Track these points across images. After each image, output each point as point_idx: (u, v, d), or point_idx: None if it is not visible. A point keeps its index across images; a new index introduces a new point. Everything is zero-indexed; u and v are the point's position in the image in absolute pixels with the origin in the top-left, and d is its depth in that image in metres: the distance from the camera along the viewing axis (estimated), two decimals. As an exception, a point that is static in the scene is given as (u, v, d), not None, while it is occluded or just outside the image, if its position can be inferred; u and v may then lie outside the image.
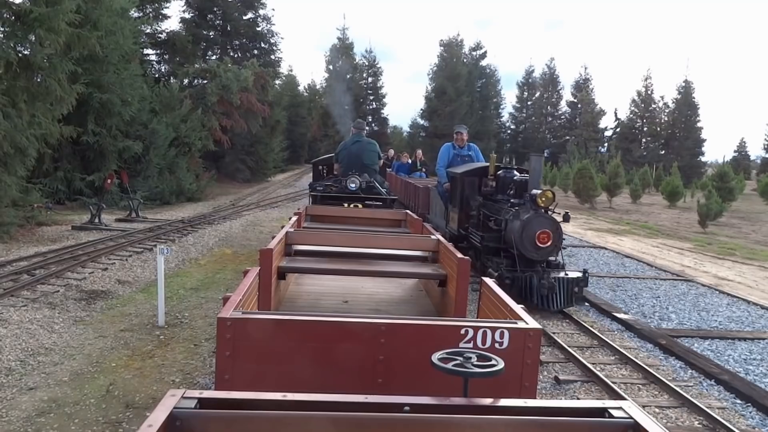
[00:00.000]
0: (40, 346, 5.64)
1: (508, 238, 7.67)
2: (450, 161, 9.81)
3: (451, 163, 9.76)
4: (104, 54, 15.46)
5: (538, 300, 7.31)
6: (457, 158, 9.76)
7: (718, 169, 28.70)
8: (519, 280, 7.35)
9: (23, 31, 11.05)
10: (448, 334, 2.31)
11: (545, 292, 7.26)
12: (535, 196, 7.35)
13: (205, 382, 4.90)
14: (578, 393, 5.11)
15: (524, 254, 7.43)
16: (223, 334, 2.23)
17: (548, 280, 7.24)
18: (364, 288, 4.79)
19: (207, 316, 6.77)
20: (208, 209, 18.37)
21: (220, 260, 10.41)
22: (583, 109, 56.36)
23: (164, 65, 30.21)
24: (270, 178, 35.56)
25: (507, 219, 7.68)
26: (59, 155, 16.05)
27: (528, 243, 7.37)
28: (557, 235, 7.43)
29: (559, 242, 7.51)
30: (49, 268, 8.61)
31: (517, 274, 7.38)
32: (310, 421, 1.55)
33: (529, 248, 7.39)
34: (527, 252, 7.41)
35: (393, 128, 62.37)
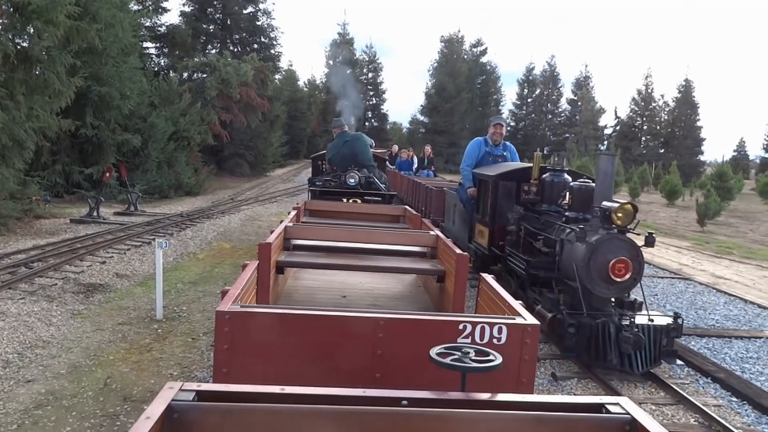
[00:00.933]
0: (37, 339, 5.64)
1: (565, 265, 5.62)
2: (479, 160, 8.05)
3: (480, 162, 8.02)
4: (103, 47, 15.38)
5: (616, 358, 5.23)
6: (487, 157, 8.01)
7: (717, 169, 28.74)
8: (587, 328, 5.20)
9: (22, 23, 11.00)
10: (446, 330, 2.31)
11: (629, 348, 5.07)
12: (610, 211, 5.25)
13: (203, 376, 4.90)
14: (575, 389, 5.12)
15: (591, 290, 5.34)
16: (222, 328, 2.23)
17: (633, 331, 5.07)
18: (362, 283, 4.79)
19: (205, 310, 6.77)
20: (207, 203, 18.35)
21: (218, 254, 10.41)
22: (583, 107, 56.34)
23: (164, 59, 30.12)
24: (269, 173, 35.51)
25: (564, 240, 5.68)
26: (58, 148, 16.02)
27: (597, 275, 5.28)
28: (637, 264, 5.31)
29: (639, 275, 5.38)
30: (47, 261, 8.60)
31: (584, 320, 5.23)
32: (308, 415, 1.55)
33: (598, 282, 5.29)
34: (595, 287, 5.31)
35: (393, 124, 62.37)
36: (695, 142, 52.53)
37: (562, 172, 6.87)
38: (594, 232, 5.39)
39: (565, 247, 5.67)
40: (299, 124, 52.07)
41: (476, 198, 7.88)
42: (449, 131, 50.30)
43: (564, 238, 5.70)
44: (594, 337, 5.22)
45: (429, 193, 11.30)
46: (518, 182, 7.15)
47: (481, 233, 7.74)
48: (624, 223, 5.31)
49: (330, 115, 47.67)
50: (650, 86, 55.04)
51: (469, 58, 55.51)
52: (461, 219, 8.63)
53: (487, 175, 7.48)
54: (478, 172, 7.83)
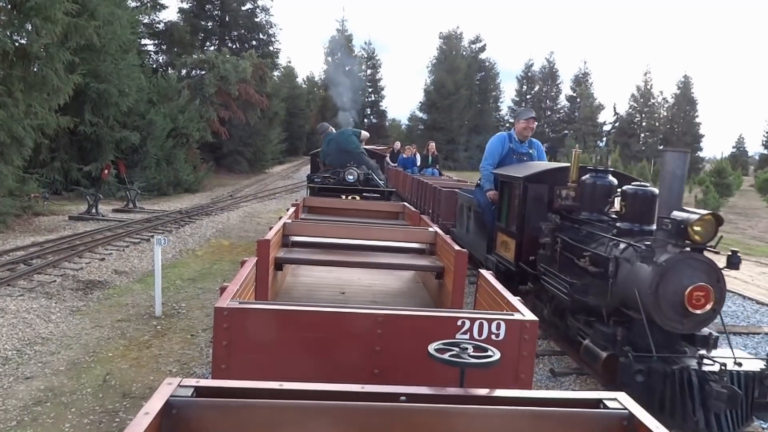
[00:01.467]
0: (36, 336, 5.64)
1: (622, 291, 4.47)
2: (502, 159, 7.12)
3: (503, 161, 7.10)
4: (102, 44, 15.35)
5: (702, 418, 3.90)
6: (511, 156, 7.08)
7: (716, 165, 28.74)
8: (661, 377, 3.96)
9: (20, 20, 10.97)
10: (444, 326, 2.32)
11: (722, 406, 3.78)
12: (687, 223, 4.13)
13: (202, 372, 4.91)
14: (573, 385, 5.14)
15: (658, 323, 4.16)
16: (220, 324, 2.23)
17: (724, 382, 3.84)
18: (361, 279, 4.80)
19: (204, 307, 6.78)
20: (206, 200, 18.34)
21: (217, 251, 10.41)
22: (582, 104, 56.32)
23: (162, 55, 30.10)
24: (268, 170, 35.48)
25: (619, 258, 4.53)
26: (56, 145, 15.99)
27: (668, 305, 4.12)
28: (719, 292, 4.17)
29: (719, 305, 4.23)
30: (46, 258, 8.60)
31: (656, 365, 3.98)
32: (307, 411, 1.55)
33: (669, 314, 4.14)
34: (665, 320, 4.15)
35: (392, 121, 62.32)
36: (694, 139, 52.55)
37: (606, 174, 5.73)
38: (662, 249, 4.19)
39: (621, 267, 4.50)
40: (298, 121, 52.06)
41: (498, 203, 6.84)
42: (448, 128, 50.29)
43: (619, 256, 4.54)
44: (670, 389, 3.93)
45: (437, 194, 10.24)
46: (552, 185, 6.00)
47: (504, 245, 6.59)
48: (703, 239, 4.16)
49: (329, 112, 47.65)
50: (649, 82, 55.02)
51: (468, 55, 55.44)
52: (478, 226, 7.63)
53: (514, 176, 6.36)
54: (502, 173, 6.74)
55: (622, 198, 4.97)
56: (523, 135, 7.13)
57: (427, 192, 11.15)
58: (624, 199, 4.92)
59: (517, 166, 6.82)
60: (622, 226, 4.85)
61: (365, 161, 9.16)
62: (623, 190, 4.97)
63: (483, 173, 7.26)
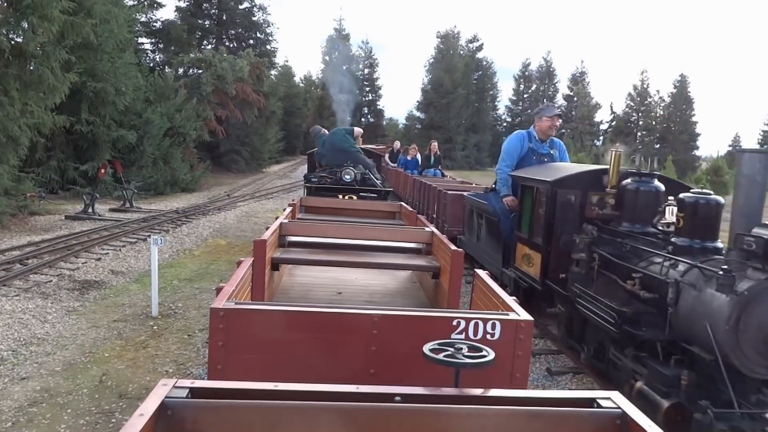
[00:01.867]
0: (32, 336, 5.63)
1: (687, 323, 3.68)
2: (520, 160, 6.43)
3: (522, 163, 6.40)
4: (98, 42, 15.30)
5: None
6: (530, 156, 6.39)
7: (713, 164, 28.85)
8: None
9: (16, 19, 10.93)
10: (440, 326, 2.32)
11: None
12: None
13: (198, 373, 4.91)
14: (570, 384, 5.15)
15: (737, 366, 3.37)
16: (216, 325, 2.23)
17: None
18: (357, 279, 4.80)
19: (201, 307, 6.77)
20: (203, 200, 18.32)
21: (214, 251, 10.40)
22: (579, 103, 56.41)
23: (159, 54, 30.06)
24: (265, 169, 35.45)
25: (681, 283, 3.74)
26: (52, 144, 15.95)
27: (751, 345, 3.36)
28: None
29: None
30: (41, 257, 8.58)
31: (743, 423, 3.26)
32: (302, 411, 1.55)
33: (752, 356, 3.37)
34: (746, 363, 3.36)
35: (389, 120, 62.30)
36: (691, 137, 52.71)
37: (652, 178, 4.90)
38: (742, 274, 3.40)
39: (684, 293, 3.67)
40: (295, 120, 52.03)
41: (518, 210, 6.04)
42: (445, 127, 50.32)
43: (681, 280, 3.71)
44: None
45: (442, 197, 9.42)
46: (585, 191, 5.19)
47: (527, 258, 5.73)
48: None
49: (326, 111, 47.63)
50: (646, 82, 55.14)
51: (466, 54, 55.48)
52: (492, 235, 6.84)
53: (540, 179, 5.51)
54: (524, 176, 5.92)
55: (679, 208, 4.15)
56: (545, 134, 6.45)
57: (431, 195, 10.36)
58: (682, 209, 4.10)
59: (541, 168, 6.00)
60: (679, 242, 4.02)
61: (361, 159, 9.19)
62: (681, 199, 4.13)
63: (499, 176, 6.50)
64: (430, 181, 11.37)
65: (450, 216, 8.95)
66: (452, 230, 8.58)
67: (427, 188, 10.82)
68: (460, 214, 8.62)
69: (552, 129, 6.47)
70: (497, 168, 6.72)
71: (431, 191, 10.40)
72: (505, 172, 6.45)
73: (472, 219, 7.94)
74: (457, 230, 8.59)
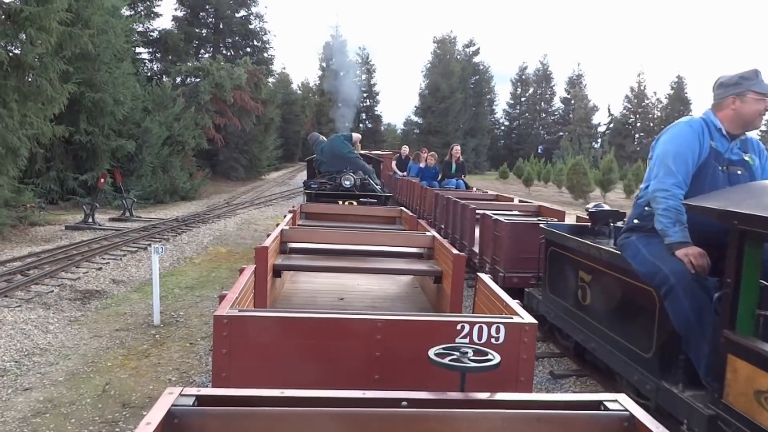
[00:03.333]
0: (35, 347, 5.62)
1: None
2: (697, 172, 3.38)
3: (700, 175, 3.37)
4: (96, 53, 15.36)
5: None
6: (712, 164, 3.39)
7: (711, 164, 28.83)
8: None
9: (14, 30, 10.97)
10: (444, 330, 2.32)
11: None
12: None
13: (201, 381, 4.89)
14: (574, 387, 5.14)
15: None
16: (220, 332, 2.24)
17: None
18: (359, 285, 4.80)
19: (203, 315, 6.76)
20: (203, 208, 18.32)
21: (215, 259, 10.39)
22: (576, 105, 56.56)
23: (157, 64, 30.12)
24: (264, 176, 35.47)
25: None
26: (52, 155, 15.97)
27: None
28: None
29: None
30: (42, 268, 8.57)
31: None
32: (308, 417, 1.55)
33: None
34: None
35: (387, 125, 62.44)
36: (689, 139, 52.73)
37: None
38: None
39: None
40: (294, 127, 52.14)
41: (730, 279, 2.74)
42: (443, 131, 50.41)
43: None
44: None
45: (492, 226, 6.57)
46: None
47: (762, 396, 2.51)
48: None
49: (324, 118, 47.71)
50: (643, 83, 55.37)
51: (462, 59, 55.67)
52: (629, 316, 3.75)
53: None
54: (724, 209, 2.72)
55: None
56: (745, 125, 3.44)
57: (466, 219, 7.64)
58: None
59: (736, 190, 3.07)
60: None
61: (360, 165, 9.21)
62: None
63: (661, 203, 3.34)
64: (465, 199, 8.56)
65: (507, 253, 6.19)
66: (513, 276, 6.08)
67: (458, 209, 8.07)
68: (526, 251, 5.84)
69: (760, 118, 3.43)
70: (656, 187, 3.41)
71: (466, 214, 7.61)
72: (676, 195, 3.32)
73: (561, 268, 4.83)
74: (520, 276, 6.01)
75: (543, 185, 36.90)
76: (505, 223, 6.35)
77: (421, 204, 10.96)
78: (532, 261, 5.64)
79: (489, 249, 6.75)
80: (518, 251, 6.11)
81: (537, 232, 5.59)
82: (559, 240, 4.91)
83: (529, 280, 5.84)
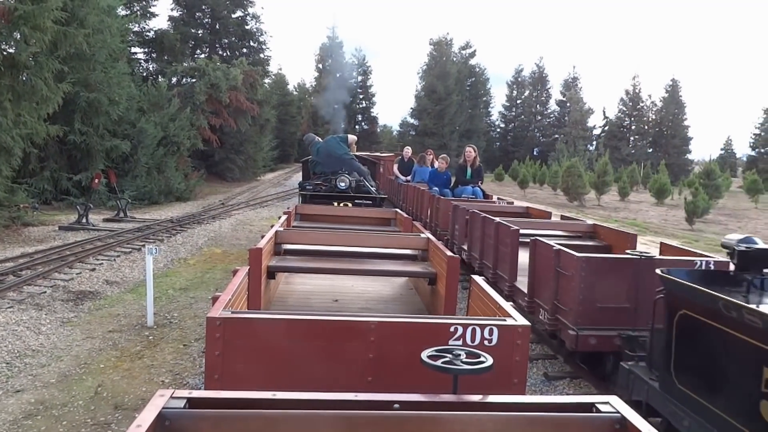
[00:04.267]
0: (26, 348, 5.59)
1: None
2: None
3: None
4: (91, 52, 15.31)
5: None
6: None
7: (705, 167, 29.01)
8: None
9: (8, 29, 10.92)
10: (437, 332, 2.32)
11: None
12: None
13: (195, 383, 4.87)
14: (567, 389, 5.15)
15: None
16: (213, 334, 2.23)
17: None
18: (354, 287, 4.79)
19: (196, 316, 6.74)
20: (198, 208, 18.27)
21: (209, 260, 10.36)
22: (571, 108, 56.73)
23: (152, 64, 30.04)
24: (260, 177, 35.42)
25: None
26: (45, 155, 15.89)
27: None
28: None
29: None
30: (35, 269, 8.52)
31: None
32: (301, 420, 1.55)
33: None
34: None
35: (383, 127, 62.48)
36: (683, 141, 53.14)
37: None
38: None
39: None
40: (289, 128, 52.10)
41: None
42: (439, 133, 50.46)
43: None
44: None
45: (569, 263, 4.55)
46: None
47: None
48: None
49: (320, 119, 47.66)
50: (638, 86, 55.63)
51: (459, 61, 55.75)
52: None
53: None
54: None
55: None
56: None
57: (506, 243, 5.88)
58: None
59: None
60: None
61: (356, 166, 9.21)
62: None
63: None
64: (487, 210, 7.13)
65: (581, 302, 4.39)
66: (590, 336, 4.32)
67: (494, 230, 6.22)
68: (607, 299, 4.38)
69: None
70: None
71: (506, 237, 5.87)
72: None
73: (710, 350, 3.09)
74: (600, 334, 4.30)
75: (538, 187, 37.01)
76: (578, 258, 4.41)
77: (434, 217, 9.03)
78: (616, 312, 4.25)
79: (546, 290, 4.93)
80: (597, 298, 4.38)
81: (626, 271, 4.36)
82: (706, 302, 3.00)
83: (613, 339, 4.22)
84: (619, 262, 4.62)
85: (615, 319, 4.34)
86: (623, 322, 4.24)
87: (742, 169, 54.61)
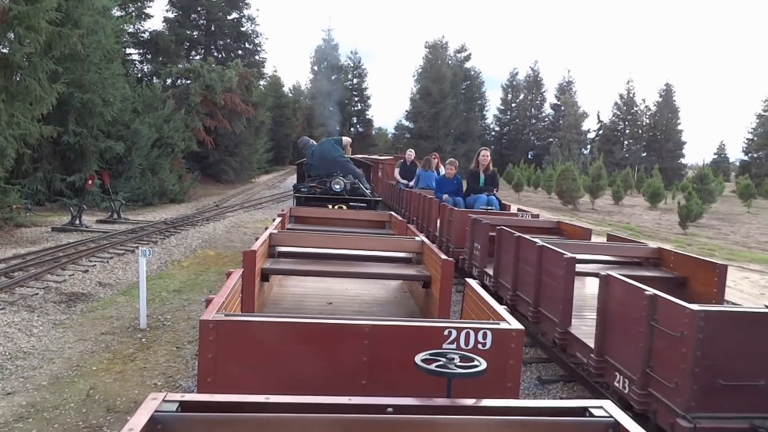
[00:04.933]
0: (18, 350, 5.54)
1: None
2: None
3: None
4: (85, 53, 15.25)
5: None
6: None
7: (698, 171, 29.20)
8: None
9: (2, 30, 10.86)
10: (431, 335, 2.32)
11: None
12: None
13: (188, 385, 4.85)
14: (561, 393, 5.16)
15: None
16: (206, 337, 2.22)
17: None
18: (348, 289, 4.79)
19: (190, 319, 6.71)
20: (192, 210, 18.21)
21: (203, 262, 10.32)
22: (566, 112, 56.97)
23: (147, 65, 29.93)
24: (254, 179, 35.35)
25: None
26: (39, 155, 15.81)
27: None
28: None
29: None
30: (28, 270, 8.46)
31: None
32: (294, 424, 1.54)
33: None
34: None
35: (378, 129, 62.53)
36: (676, 146, 53.46)
37: None
38: None
39: None
40: (284, 130, 52.05)
41: None
42: (434, 136, 50.57)
43: None
44: None
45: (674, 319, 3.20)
46: None
47: None
48: None
49: (315, 121, 47.68)
50: (632, 91, 55.94)
51: (454, 64, 55.93)
52: None
53: None
54: None
55: None
56: None
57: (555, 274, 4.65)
58: None
59: None
60: None
61: (350, 169, 9.21)
62: None
63: None
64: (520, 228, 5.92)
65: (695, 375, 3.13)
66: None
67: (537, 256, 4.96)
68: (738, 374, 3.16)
69: None
70: None
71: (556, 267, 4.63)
72: None
73: None
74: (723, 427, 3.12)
75: (533, 191, 37.13)
76: (692, 312, 3.10)
77: (444, 231, 7.75)
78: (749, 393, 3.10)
79: (629, 350, 3.63)
80: (720, 372, 3.11)
81: (764, 332, 3.14)
82: None
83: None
84: (754, 318, 3.22)
85: (745, 402, 3.10)
86: (759, 407, 3.07)
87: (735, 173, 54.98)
